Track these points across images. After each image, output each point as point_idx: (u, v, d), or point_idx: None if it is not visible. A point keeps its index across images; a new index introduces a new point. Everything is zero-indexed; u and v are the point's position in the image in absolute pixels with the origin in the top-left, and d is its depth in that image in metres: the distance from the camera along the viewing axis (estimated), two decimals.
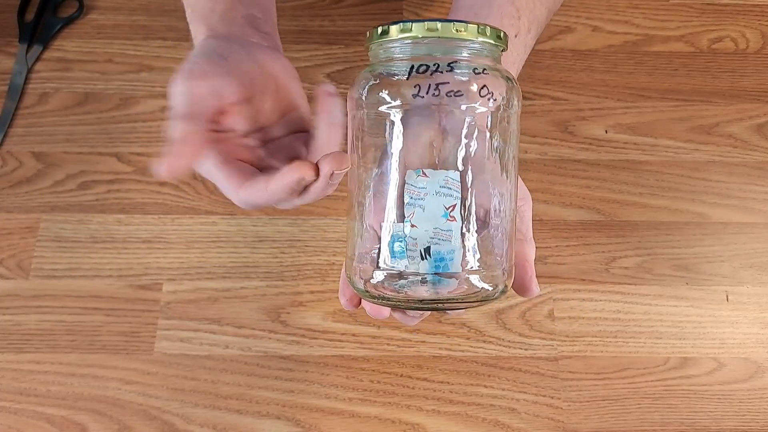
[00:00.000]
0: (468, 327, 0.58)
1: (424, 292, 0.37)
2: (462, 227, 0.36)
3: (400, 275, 0.37)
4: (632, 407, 0.55)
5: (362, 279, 0.38)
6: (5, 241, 0.60)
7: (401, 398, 0.55)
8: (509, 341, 0.57)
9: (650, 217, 0.62)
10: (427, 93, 0.35)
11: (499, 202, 0.38)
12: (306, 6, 0.71)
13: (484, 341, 0.57)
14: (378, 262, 0.38)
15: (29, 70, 0.66)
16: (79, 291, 0.58)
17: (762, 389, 0.56)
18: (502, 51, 0.38)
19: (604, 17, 0.71)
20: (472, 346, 0.57)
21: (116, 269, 0.59)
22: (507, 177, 0.38)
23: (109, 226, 0.60)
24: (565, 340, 0.57)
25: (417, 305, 0.38)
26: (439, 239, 0.36)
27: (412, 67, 0.35)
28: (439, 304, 0.37)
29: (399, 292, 0.37)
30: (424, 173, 0.36)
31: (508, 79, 0.37)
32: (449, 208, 0.36)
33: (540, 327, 0.58)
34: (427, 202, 0.36)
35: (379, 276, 0.38)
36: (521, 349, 0.57)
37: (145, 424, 0.54)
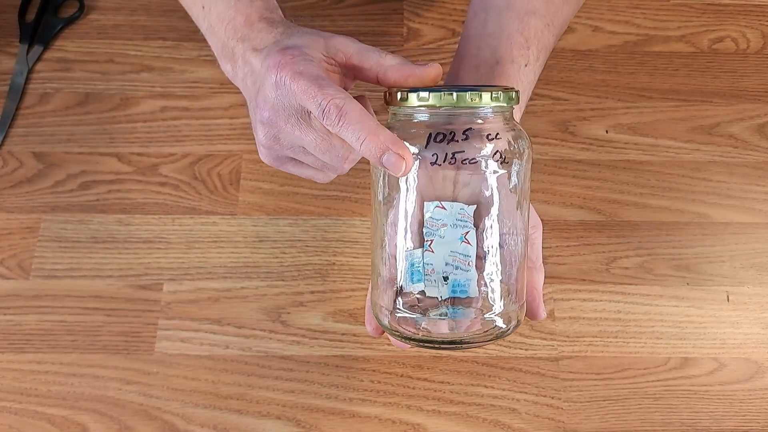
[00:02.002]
0: None
1: (443, 329, 0.41)
2: (477, 255, 0.39)
3: (422, 311, 0.40)
4: (633, 407, 0.55)
5: (386, 315, 0.41)
6: (6, 241, 0.60)
7: (402, 398, 0.55)
8: (510, 341, 0.57)
9: (651, 217, 0.62)
10: (444, 161, 0.38)
11: (511, 238, 0.41)
12: (306, 6, 0.71)
13: None
14: (400, 291, 0.40)
15: (30, 71, 0.66)
16: (80, 291, 0.58)
17: (763, 389, 0.56)
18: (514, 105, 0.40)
19: (604, 17, 0.71)
20: None
21: (117, 269, 0.59)
22: (520, 213, 0.41)
23: (110, 226, 0.60)
24: (565, 341, 0.57)
25: (436, 345, 0.41)
26: (457, 264, 0.39)
27: (430, 135, 0.38)
28: (457, 344, 0.41)
29: (419, 330, 0.40)
30: (441, 206, 0.39)
31: (519, 133, 0.40)
32: (464, 234, 0.39)
33: (540, 327, 0.58)
34: (445, 231, 0.39)
35: (401, 314, 0.40)
36: (522, 349, 0.57)
37: (146, 424, 0.54)
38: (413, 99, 0.38)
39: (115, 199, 0.61)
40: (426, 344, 0.40)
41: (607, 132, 0.66)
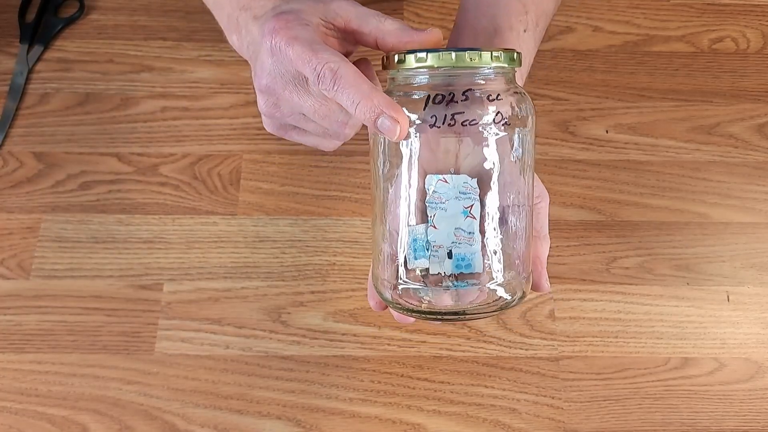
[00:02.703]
0: (468, 327, 0.57)
1: (447, 301, 0.39)
2: (481, 227, 0.38)
3: (424, 283, 0.39)
4: (633, 407, 0.55)
5: (388, 288, 0.40)
6: (6, 242, 0.60)
7: (402, 398, 0.55)
8: (510, 341, 0.57)
9: (651, 217, 0.62)
10: (444, 123, 0.37)
11: (516, 209, 0.39)
12: None
13: (485, 341, 0.57)
14: (403, 265, 0.39)
15: (30, 71, 0.66)
16: (80, 291, 0.58)
17: (763, 389, 0.56)
18: (516, 68, 0.39)
19: (604, 17, 0.71)
20: (472, 347, 0.57)
21: (117, 269, 0.59)
22: (524, 183, 0.39)
23: (110, 226, 0.60)
24: (565, 341, 0.57)
25: (440, 317, 0.40)
26: (461, 240, 0.38)
27: (428, 97, 0.37)
28: (460, 315, 0.39)
29: (422, 302, 0.39)
30: (444, 179, 0.38)
31: (522, 97, 0.39)
32: (468, 207, 0.38)
33: (541, 327, 0.58)
34: (448, 205, 0.38)
35: (403, 285, 0.39)
36: (522, 349, 0.57)
37: (146, 424, 0.54)
38: (411, 60, 0.36)
39: (116, 199, 0.61)
40: (429, 316, 0.39)
41: (607, 132, 0.66)
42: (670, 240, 0.61)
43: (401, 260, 0.39)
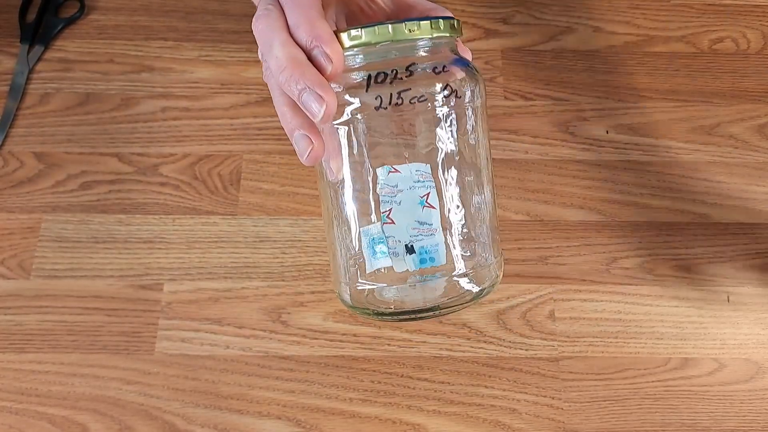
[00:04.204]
0: (469, 327, 0.58)
1: (415, 299, 0.36)
2: (441, 216, 0.35)
3: (387, 283, 0.36)
4: (633, 408, 0.55)
5: (349, 294, 0.37)
6: (6, 242, 0.60)
7: (402, 398, 0.55)
8: (510, 342, 0.57)
9: (651, 217, 0.62)
10: (390, 103, 0.34)
11: (476, 191, 0.36)
12: None
13: (485, 342, 0.57)
14: (363, 268, 0.36)
15: (30, 71, 0.66)
16: (80, 291, 0.58)
17: (763, 390, 0.56)
18: (458, 37, 0.36)
19: (605, 18, 0.71)
20: (472, 347, 0.57)
21: (117, 269, 0.59)
22: (481, 159, 0.36)
23: (110, 226, 0.60)
24: (565, 341, 0.57)
25: (407, 316, 0.36)
26: (421, 233, 0.35)
27: (370, 76, 0.34)
28: (435, 312, 0.36)
29: (388, 305, 0.36)
30: (395, 169, 0.35)
31: (468, 68, 0.36)
32: (424, 196, 0.35)
33: (541, 327, 0.58)
34: (402, 197, 0.35)
35: (363, 285, 0.36)
36: (522, 349, 0.57)
37: (146, 424, 0.54)
38: (345, 39, 0.33)
39: (116, 199, 0.61)
40: (402, 316, 0.36)
41: (607, 132, 0.66)
42: (671, 240, 0.61)
43: (358, 264, 0.36)
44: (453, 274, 0.36)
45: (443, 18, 0.35)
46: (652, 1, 0.72)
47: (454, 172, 0.35)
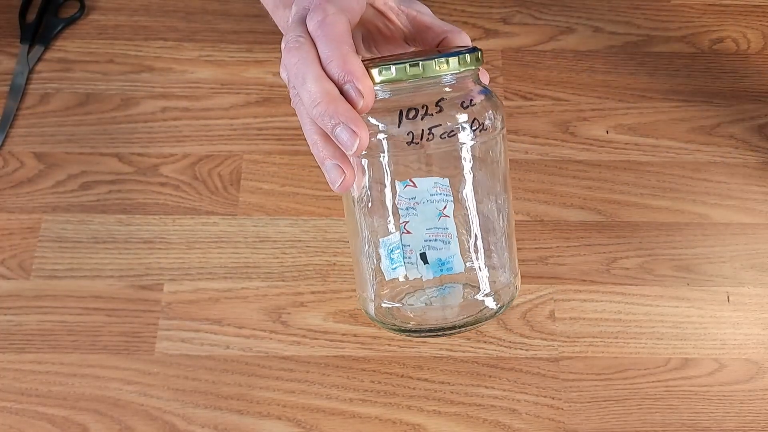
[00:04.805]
0: None
1: (436, 316, 0.37)
2: (458, 229, 0.36)
3: (409, 299, 0.37)
4: (633, 408, 0.55)
5: (372, 307, 0.38)
6: (7, 242, 0.60)
7: (402, 399, 0.55)
8: (510, 342, 0.57)
9: (651, 217, 0.62)
10: (422, 139, 0.35)
11: (494, 207, 0.38)
12: None
13: (485, 342, 0.57)
14: (383, 279, 0.37)
15: (31, 71, 0.66)
16: (81, 291, 0.58)
17: (763, 390, 0.56)
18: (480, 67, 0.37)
19: (605, 18, 0.71)
20: (472, 347, 0.57)
21: (117, 269, 0.59)
22: (501, 182, 0.38)
23: (110, 226, 0.60)
24: (566, 341, 0.57)
25: (429, 334, 0.37)
26: (436, 240, 0.36)
27: (401, 112, 0.35)
28: (452, 330, 0.37)
29: (409, 320, 0.37)
30: (412, 182, 0.36)
31: (489, 95, 0.37)
32: (442, 209, 0.36)
33: (541, 328, 0.58)
34: (419, 209, 0.36)
35: (386, 305, 0.37)
36: (522, 349, 0.57)
37: (146, 424, 0.54)
38: (375, 75, 0.34)
39: (116, 199, 0.61)
40: (419, 333, 0.38)
41: (607, 132, 0.66)
42: (671, 241, 0.61)
43: (380, 277, 0.37)
44: (475, 292, 0.37)
45: (469, 52, 0.35)
46: (652, 2, 0.72)
47: (472, 189, 0.36)
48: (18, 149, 0.63)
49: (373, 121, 0.36)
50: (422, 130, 0.35)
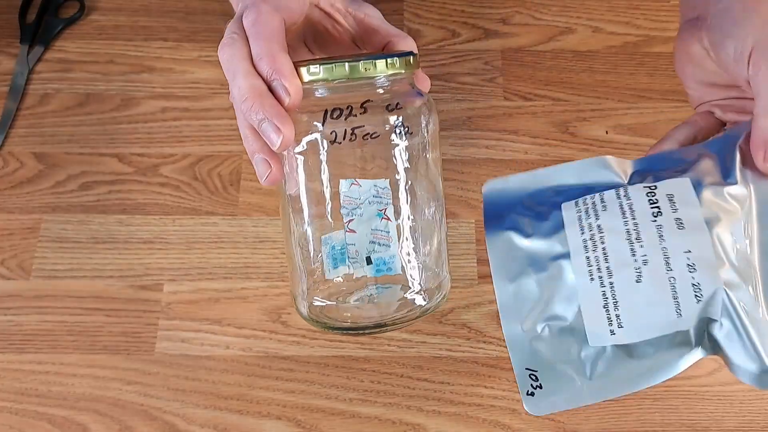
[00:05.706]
0: (468, 328, 0.58)
1: (371, 314, 0.39)
2: (396, 229, 0.37)
3: (343, 297, 0.38)
4: (632, 408, 0.55)
5: (306, 306, 0.39)
6: (6, 242, 0.60)
7: (402, 399, 0.55)
8: None
9: None
10: (344, 139, 0.36)
11: (427, 209, 0.39)
12: None
13: (485, 342, 0.57)
14: (322, 277, 0.38)
15: (30, 71, 0.66)
16: (80, 291, 0.58)
17: (763, 390, 0.56)
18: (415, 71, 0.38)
19: (604, 18, 0.71)
20: (472, 347, 0.57)
21: (117, 270, 0.59)
22: (433, 181, 0.39)
23: (110, 226, 0.60)
24: None
25: (359, 332, 0.39)
26: (379, 240, 0.37)
27: (326, 111, 0.35)
28: (380, 329, 0.39)
29: (341, 318, 0.39)
30: (356, 182, 0.37)
31: (425, 103, 0.38)
32: (382, 209, 0.37)
33: None
34: (363, 209, 0.37)
35: (319, 303, 0.38)
36: None
37: (146, 424, 0.54)
38: (304, 74, 0.35)
39: (116, 199, 0.61)
40: (350, 331, 0.39)
41: (607, 133, 0.66)
42: None
43: (318, 274, 0.38)
44: (407, 291, 0.38)
45: (399, 55, 0.36)
46: (652, 1, 0.72)
47: (407, 191, 0.37)
48: (18, 149, 0.63)
49: (308, 119, 0.36)
50: (345, 130, 0.35)
